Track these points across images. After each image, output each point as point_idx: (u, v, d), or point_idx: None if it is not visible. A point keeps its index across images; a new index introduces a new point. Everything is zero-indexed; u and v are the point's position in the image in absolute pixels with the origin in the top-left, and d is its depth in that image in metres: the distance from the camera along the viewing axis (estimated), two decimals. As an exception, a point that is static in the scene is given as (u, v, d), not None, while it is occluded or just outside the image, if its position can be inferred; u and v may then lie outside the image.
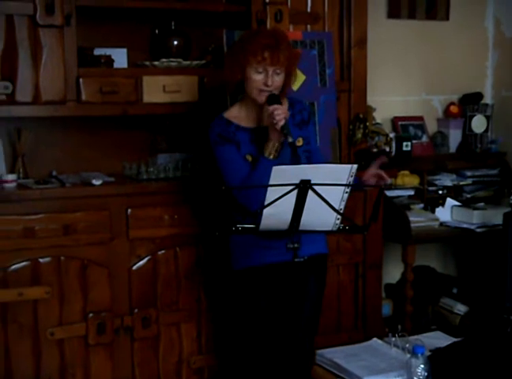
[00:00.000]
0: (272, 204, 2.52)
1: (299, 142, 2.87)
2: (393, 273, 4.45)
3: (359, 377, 2.67)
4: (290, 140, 2.67)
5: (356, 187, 2.90)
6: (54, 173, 3.48)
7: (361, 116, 3.76)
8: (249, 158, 2.81)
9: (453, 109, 4.68)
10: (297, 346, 2.92)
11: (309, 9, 3.65)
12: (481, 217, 4.11)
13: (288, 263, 2.66)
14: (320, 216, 2.63)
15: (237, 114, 2.89)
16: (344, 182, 2.57)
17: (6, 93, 3.12)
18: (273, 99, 2.74)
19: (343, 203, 2.61)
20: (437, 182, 4.39)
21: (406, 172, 4.26)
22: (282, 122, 2.68)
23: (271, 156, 2.74)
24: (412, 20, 4.53)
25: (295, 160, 2.72)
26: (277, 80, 2.78)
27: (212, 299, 3.42)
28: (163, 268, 3.33)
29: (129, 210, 3.25)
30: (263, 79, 2.76)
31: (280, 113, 2.68)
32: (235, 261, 2.95)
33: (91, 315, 3.21)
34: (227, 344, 3.35)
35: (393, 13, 4.47)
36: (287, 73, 2.82)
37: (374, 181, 2.81)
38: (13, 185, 3.19)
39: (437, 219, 4.13)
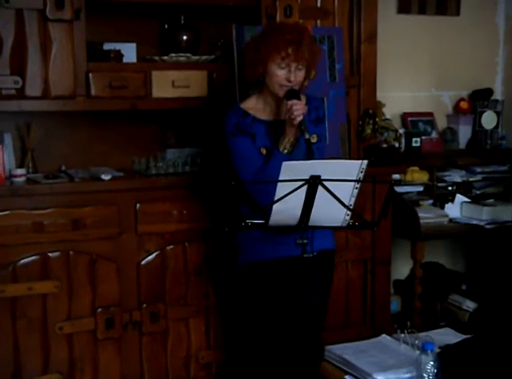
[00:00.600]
0: (282, 200, 2.52)
1: (314, 139, 2.85)
2: (401, 269, 4.44)
3: (368, 373, 2.66)
4: (307, 136, 2.67)
5: (366, 182, 2.88)
6: (64, 167, 3.48)
7: (370, 112, 3.75)
8: (263, 151, 2.82)
9: (463, 105, 4.66)
10: (303, 342, 2.91)
11: (319, 4, 3.64)
12: (491, 213, 4.08)
13: (295, 258, 2.66)
14: (330, 212, 2.62)
15: (254, 106, 2.89)
16: (354, 178, 2.56)
17: (16, 88, 3.12)
18: (293, 94, 2.74)
19: (353, 199, 2.60)
20: (446, 178, 4.37)
21: (415, 168, 4.24)
22: (300, 118, 2.69)
23: (285, 151, 2.75)
24: (422, 16, 4.51)
25: (309, 157, 2.74)
26: (299, 75, 2.79)
27: (220, 294, 3.42)
28: (171, 263, 3.33)
29: (138, 205, 3.25)
30: (286, 74, 2.76)
31: (299, 108, 2.68)
32: (240, 257, 2.95)
33: (99, 310, 3.22)
34: (235, 339, 3.35)
35: (403, 8, 4.45)
36: (307, 68, 2.82)
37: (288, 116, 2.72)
38: (23, 179, 3.19)
39: (446, 216, 4.11)
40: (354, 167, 2.57)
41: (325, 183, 2.52)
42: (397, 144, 4.10)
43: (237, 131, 2.83)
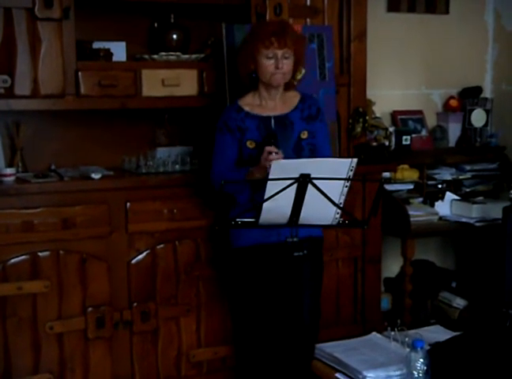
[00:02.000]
0: (272, 198, 2.53)
1: (304, 135, 3.00)
2: (392, 267, 4.45)
3: (358, 371, 2.66)
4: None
5: (356, 180, 2.94)
6: (53, 167, 3.47)
7: (360, 110, 3.75)
8: (251, 144, 2.95)
9: (453, 103, 4.68)
10: (302, 334, 3.00)
11: (308, 3, 3.64)
12: (480, 211, 4.10)
13: (281, 244, 2.73)
14: (320, 210, 2.64)
15: (250, 102, 3.03)
16: (344, 176, 2.57)
17: (5, 87, 3.11)
18: (271, 137, 2.87)
19: (343, 197, 2.62)
20: (436, 176, 4.39)
21: (405, 166, 4.26)
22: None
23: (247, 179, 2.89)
24: (411, 14, 4.52)
25: (298, 151, 2.93)
26: (287, 63, 2.93)
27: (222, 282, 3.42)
28: (162, 262, 3.33)
29: (129, 204, 3.25)
30: (274, 63, 2.91)
31: (276, 158, 2.76)
32: (233, 240, 3.04)
33: (90, 309, 3.21)
34: (234, 333, 3.39)
35: (393, 6, 4.45)
36: (295, 59, 2.96)
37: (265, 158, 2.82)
38: (12, 178, 3.18)
39: (436, 213, 4.13)
40: (344, 166, 2.58)
41: (315, 181, 2.54)
42: (387, 143, 4.11)
43: (224, 127, 2.99)
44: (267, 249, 2.94)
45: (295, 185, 2.53)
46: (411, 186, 4.29)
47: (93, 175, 3.22)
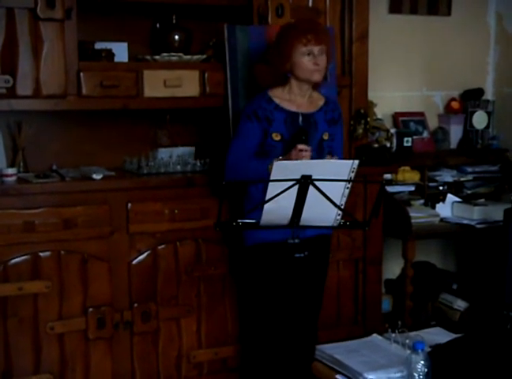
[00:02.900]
0: (273, 200, 2.52)
1: (326, 136, 3.08)
2: (393, 269, 4.45)
3: (359, 372, 2.66)
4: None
5: (357, 182, 2.95)
6: (55, 167, 3.47)
7: (362, 111, 3.75)
8: (276, 136, 2.99)
9: (454, 105, 4.68)
10: (301, 329, 3.06)
11: (310, 4, 3.64)
12: (482, 213, 4.10)
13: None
14: (321, 212, 2.64)
15: (280, 95, 3.06)
16: (346, 178, 2.57)
17: (7, 87, 3.11)
18: (303, 133, 2.92)
19: (344, 198, 2.62)
20: (437, 178, 4.38)
21: (407, 168, 4.26)
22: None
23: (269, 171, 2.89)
24: (413, 16, 4.52)
25: (319, 152, 3.00)
26: (323, 59, 3.00)
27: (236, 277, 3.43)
28: (163, 263, 3.33)
29: (130, 204, 3.25)
30: (312, 60, 2.96)
31: (307, 155, 2.84)
32: (246, 238, 3.06)
33: (91, 309, 3.21)
34: (241, 332, 3.43)
35: (395, 8, 4.46)
36: (327, 54, 3.01)
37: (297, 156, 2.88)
38: (13, 179, 3.18)
39: (437, 215, 4.13)
40: (345, 167, 2.58)
41: (317, 183, 2.54)
42: (388, 144, 4.11)
43: (253, 116, 3.01)
44: (283, 247, 2.91)
45: (296, 187, 2.53)
46: (412, 188, 4.29)
47: (94, 176, 3.22)
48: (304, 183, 2.53)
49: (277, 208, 2.58)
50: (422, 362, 2.51)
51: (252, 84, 3.33)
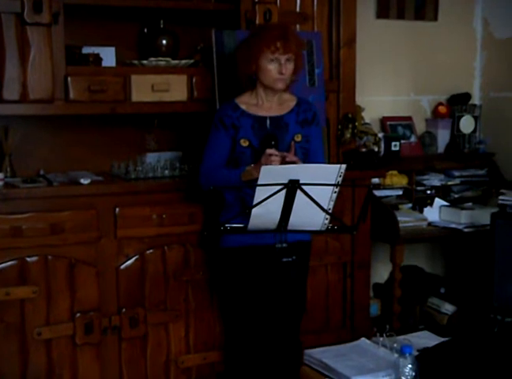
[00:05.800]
0: (261, 204, 2.53)
1: (298, 138, 3.02)
2: (381, 273, 4.46)
3: (347, 376, 2.67)
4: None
5: (345, 186, 2.95)
6: (42, 172, 3.46)
7: (350, 116, 3.76)
8: (244, 142, 2.96)
9: (442, 109, 4.70)
10: (283, 333, 3.02)
11: (298, 9, 3.66)
12: (469, 217, 4.12)
13: (270, 246, 2.72)
14: (309, 216, 2.64)
15: (247, 101, 3.05)
16: (333, 182, 2.58)
17: (-7, 91, 3.10)
18: (271, 139, 2.89)
19: (331, 203, 2.62)
20: (425, 182, 4.40)
21: (394, 172, 4.27)
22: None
23: (243, 179, 2.88)
24: (400, 21, 4.54)
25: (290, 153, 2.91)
26: (289, 67, 2.95)
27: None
28: (151, 268, 3.32)
29: (118, 209, 3.24)
30: (277, 68, 2.92)
31: (276, 160, 2.80)
32: (223, 240, 3.04)
33: (78, 315, 3.20)
34: (225, 337, 3.39)
35: (382, 13, 4.48)
36: (296, 62, 2.98)
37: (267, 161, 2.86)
38: (0, 184, 3.15)
39: (425, 219, 4.14)
40: (333, 171, 2.59)
41: (304, 187, 2.54)
42: (376, 148, 4.12)
43: (219, 124, 3.00)
44: (259, 251, 2.93)
45: (284, 191, 2.54)
46: (400, 192, 4.30)
47: (82, 180, 3.21)
48: (292, 187, 2.53)
49: (265, 212, 2.58)
50: (410, 366, 2.53)
51: (239, 88, 3.32)
